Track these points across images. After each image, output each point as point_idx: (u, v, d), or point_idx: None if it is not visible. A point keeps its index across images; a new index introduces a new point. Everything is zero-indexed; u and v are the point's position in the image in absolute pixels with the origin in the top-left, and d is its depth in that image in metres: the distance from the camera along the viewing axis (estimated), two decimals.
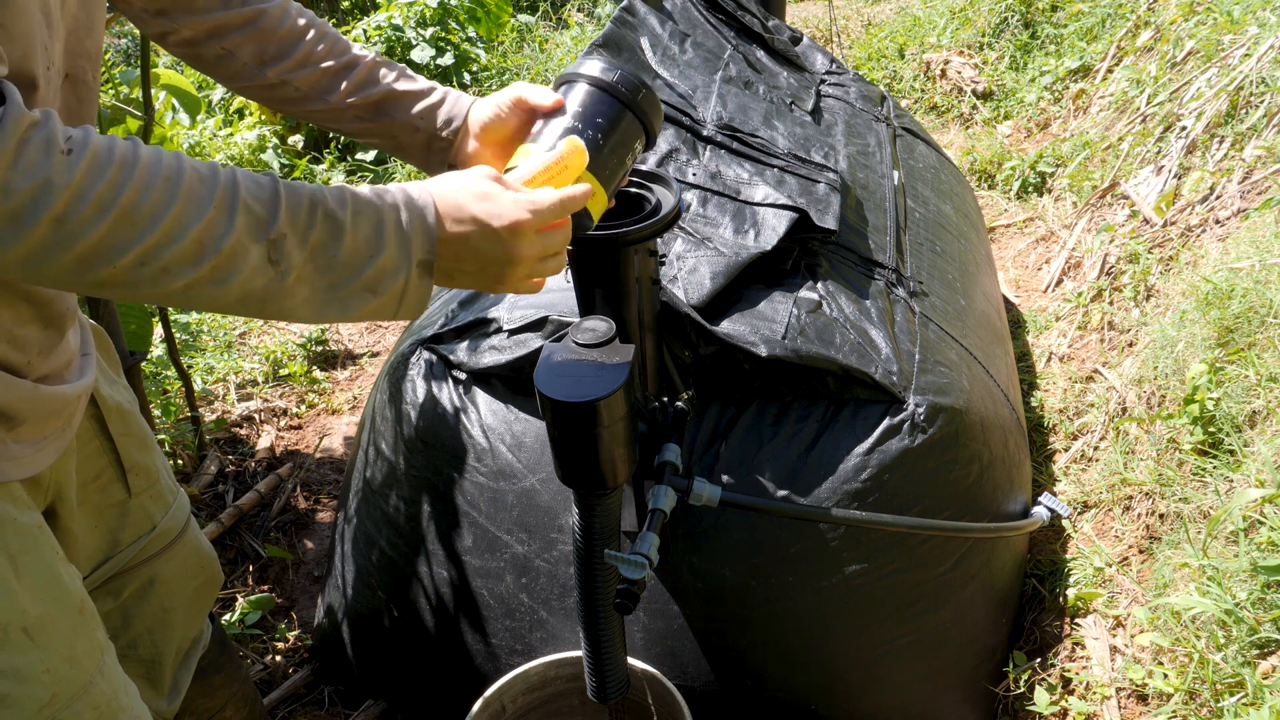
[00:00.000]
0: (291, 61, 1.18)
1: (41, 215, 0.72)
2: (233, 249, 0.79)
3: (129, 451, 1.21)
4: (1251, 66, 2.88)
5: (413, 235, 0.88)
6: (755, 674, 1.59)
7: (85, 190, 0.73)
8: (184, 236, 0.77)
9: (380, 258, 0.86)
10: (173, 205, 0.76)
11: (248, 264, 0.80)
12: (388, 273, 0.87)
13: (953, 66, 4.88)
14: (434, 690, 1.79)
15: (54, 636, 0.95)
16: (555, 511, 1.63)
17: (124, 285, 0.77)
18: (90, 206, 0.73)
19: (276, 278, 0.82)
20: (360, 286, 0.86)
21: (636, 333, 1.37)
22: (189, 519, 1.35)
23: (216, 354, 3.28)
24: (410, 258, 0.88)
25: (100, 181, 0.74)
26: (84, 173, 0.73)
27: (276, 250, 0.81)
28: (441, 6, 5.07)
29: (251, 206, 0.81)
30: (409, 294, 0.89)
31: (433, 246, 0.89)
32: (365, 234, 0.86)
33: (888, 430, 1.58)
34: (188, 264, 0.78)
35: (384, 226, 0.87)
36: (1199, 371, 1.96)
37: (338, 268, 0.85)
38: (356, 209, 0.85)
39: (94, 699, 0.99)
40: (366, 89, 1.20)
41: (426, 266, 0.90)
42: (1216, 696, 1.52)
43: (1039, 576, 2.04)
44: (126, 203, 0.74)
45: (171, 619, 1.33)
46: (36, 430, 0.98)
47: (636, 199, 1.35)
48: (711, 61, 2.26)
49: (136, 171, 0.76)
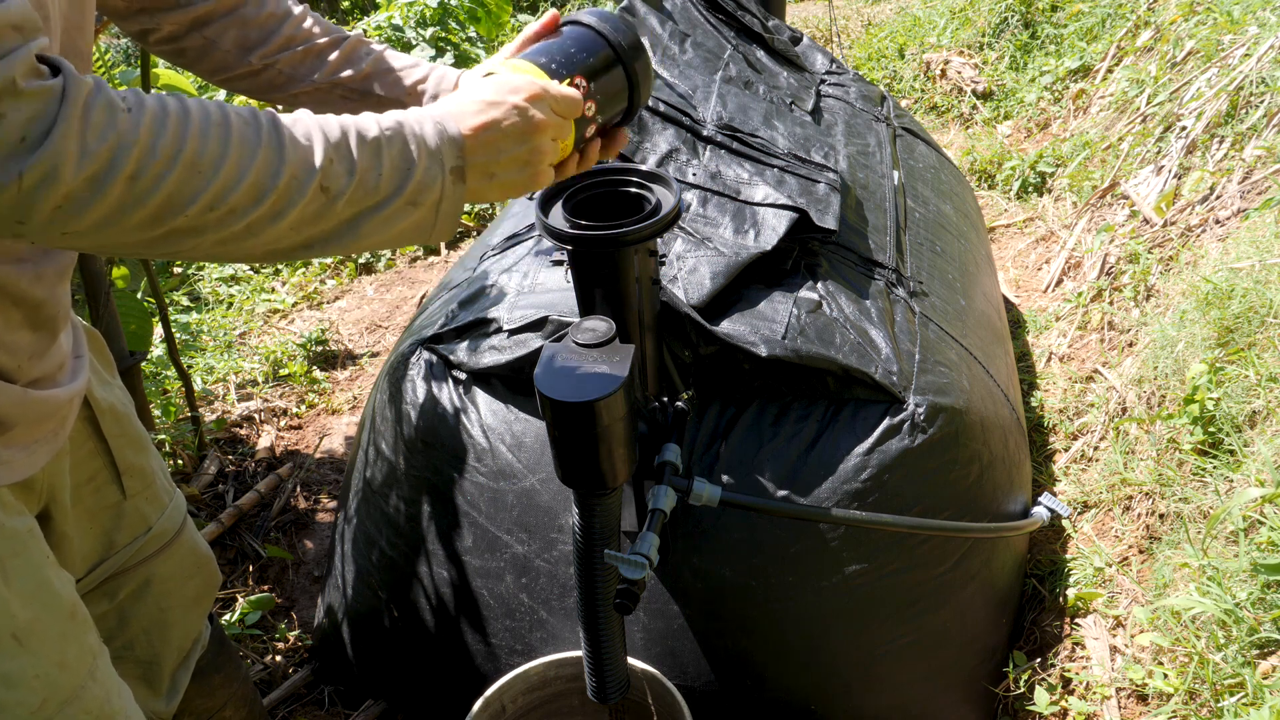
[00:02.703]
0: (274, 45, 1.18)
1: (118, 174, 0.73)
2: (288, 182, 0.82)
3: (123, 453, 1.21)
4: (1251, 66, 2.88)
5: (441, 145, 0.90)
6: (755, 674, 1.59)
7: (153, 145, 0.75)
8: (245, 176, 0.80)
9: (417, 170, 0.89)
10: (229, 148, 0.79)
11: (302, 195, 0.83)
12: (425, 186, 0.89)
13: (953, 66, 4.88)
14: (434, 690, 1.79)
15: (44, 642, 0.95)
16: (555, 511, 1.63)
17: (192, 233, 0.79)
18: (160, 161, 0.75)
19: (328, 203, 0.85)
20: (403, 201, 0.89)
21: (636, 333, 1.37)
22: (185, 520, 1.35)
23: (216, 354, 3.28)
24: (443, 166, 0.90)
25: (164, 135, 0.76)
26: (148, 129, 0.75)
27: (326, 176, 0.84)
28: (441, 6, 5.07)
29: (297, 139, 0.83)
30: (444, 203, 0.91)
31: (460, 151, 0.92)
32: (399, 149, 0.88)
33: (888, 430, 1.58)
34: (251, 202, 0.80)
35: (413, 140, 0.89)
36: (1199, 371, 1.96)
37: (383, 186, 0.87)
38: (384, 129, 0.88)
39: (86, 703, 0.99)
40: (351, 66, 1.20)
41: (459, 173, 0.92)
42: (1216, 696, 1.52)
43: (1039, 576, 2.04)
44: (190, 152, 0.77)
45: (169, 619, 1.33)
46: (28, 434, 0.98)
47: (636, 199, 1.35)
48: (711, 61, 2.26)
49: (191, 121, 0.78)
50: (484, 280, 1.90)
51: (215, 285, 3.86)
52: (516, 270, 1.87)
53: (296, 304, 3.77)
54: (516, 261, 1.92)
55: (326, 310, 3.73)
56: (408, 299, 3.74)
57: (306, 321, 3.61)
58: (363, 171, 0.86)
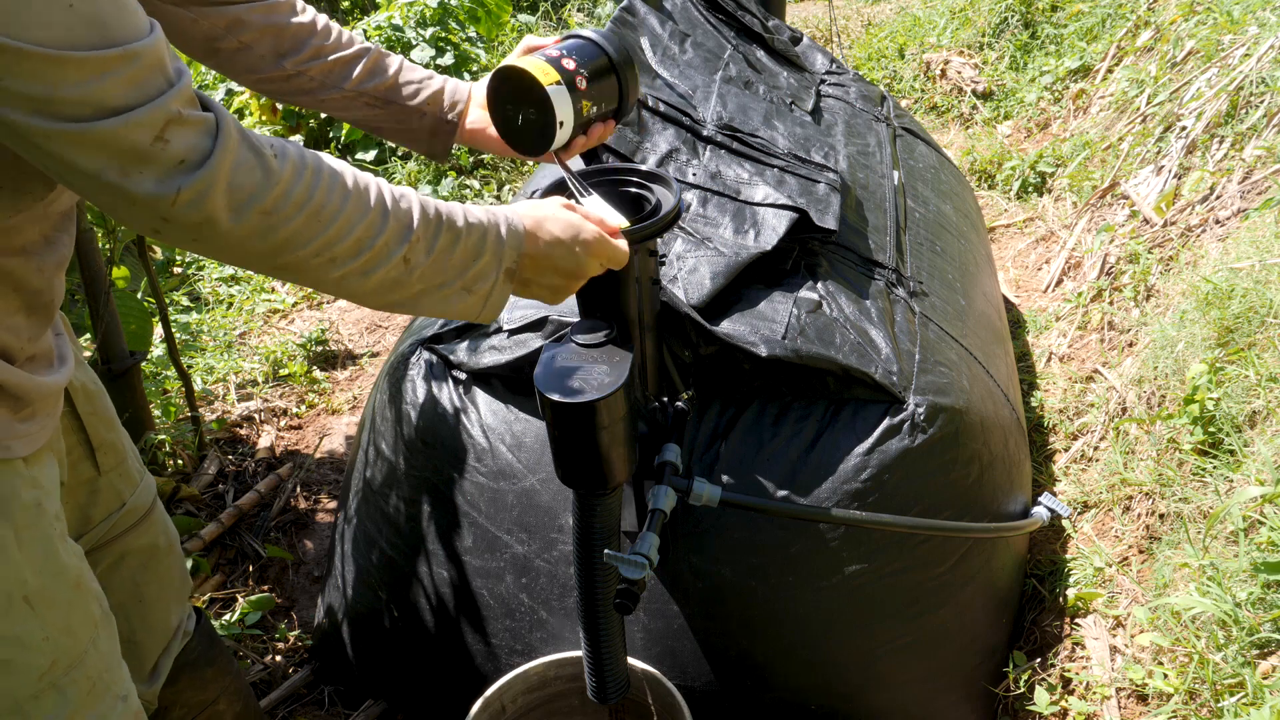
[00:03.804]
0: (306, 54, 1.27)
1: (255, 208, 0.85)
2: (382, 247, 0.94)
3: (96, 429, 1.25)
4: (1251, 66, 2.88)
5: (506, 248, 1.05)
6: (755, 674, 1.59)
7: (290, 189, 0.87)
8: (351, 233, 0.92)
9: (479, 263, 1.03)
10: (346, 205, 0.91)
11: (390, 261, 0.95)
12: (482, 276, 1.04)
13: (953, 66, 4.88)
14: (434, 690, 1.79)
15: (53, 607, 1.00)
16: (555, 511, 1.63)
17: (295, 269, 0.91)
18: (292, 204, 0.87)
19: (406, 273, 0.97)
20: (460, 286, 1.03)
21: (636, 333, 1.37)
22: (155, 499, 1.39)
23: (216, 354, 3.28)
24: (501, 265, 1.05)
25: (299, 183, 0.88)
26: (289, 175, 0.87)
27: (413, 250, 0.96)
28: (441, 6, 5.07)
29: (399, 212, 0.96)
30: (494, 295, 1.06)
31: (519, 258, 1.07)
32: (474, 242, 1.02)
33: (888, 430, 1.58)
34: (349, 256, 0.93)
35: (487, 238, 1.03)
36: (1199, 371, 1.96)
37: (449, 270, 1.01)
38: (469, 222, 1.02)
39: (88, 669, 1.04)
40: (374, 78, 1.32)
41: (511, 274, 1.07)
42: (1216, 696, 1.52)
43: (1039, 576, 2.04)
44: (317, 202, 0.89)
45: (145, 595, 1.37)
46: (38, 410, 1.03)
47: (636, 199, 1.35)
48: (711, 61, 2.26)
49: (322, 175, 0.90)
50: None
51: (215, 285, 3.86)
52: None
53: (296, 304, 3.77)
54: None
55: (326, 310, 3.73)
56: None
57: (306, 321, 3.61)
58: (439, 253, 0.99)
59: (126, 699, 1.11)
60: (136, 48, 0.78)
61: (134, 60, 0.78)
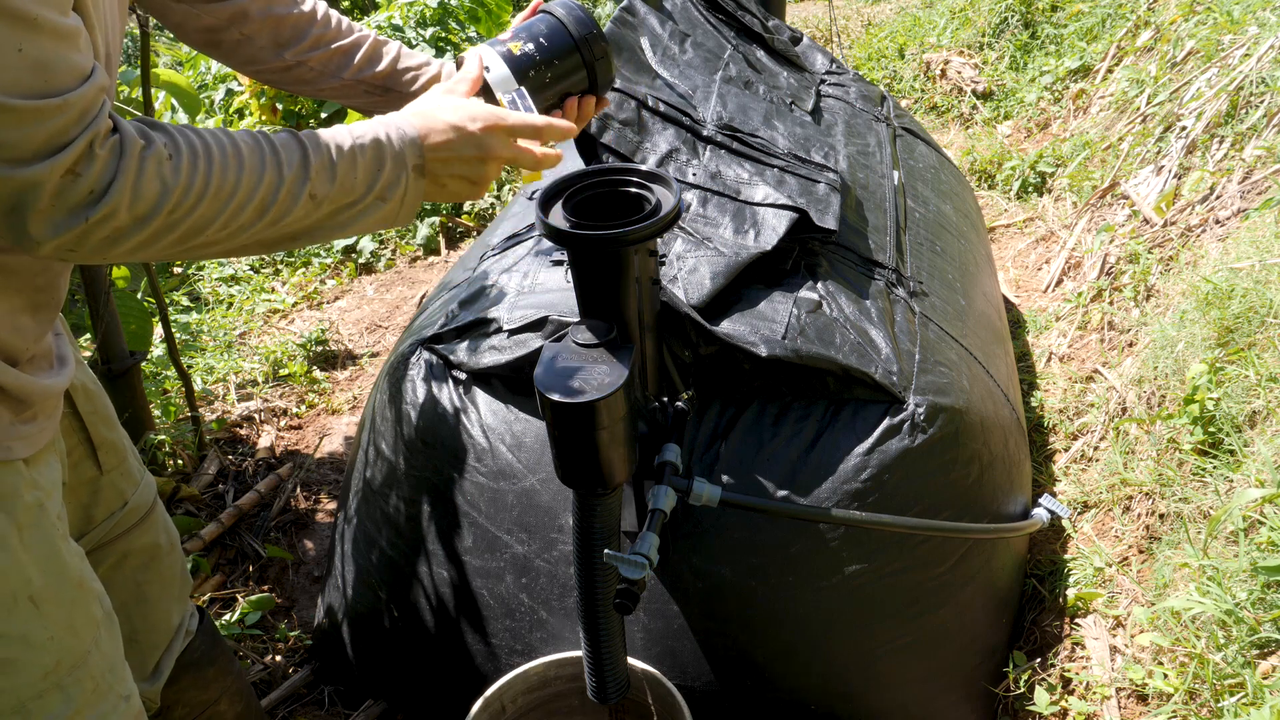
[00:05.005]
0: (305, 44, 1.28)
1: (160, 211, 0.88)
2: (285, 197, 0.96)
3: (97, 429, 1.25)
4: (1251, 66, 2.88)
5: (405, 148, 1.05)
6: (755, 674, 1.59)
7: (189, 185, 0.89)
8: (252, 199, 0.94)
9: (384, 172, 1.04)
10: (241, 176, 0.93)
11: (296, 206, 0.97)
12: (392, 183, 1.05)
13: (953, 66, 4.88)
14: (434, 690, 1.79)
15: (57, 607, 1.01)
16: (555, 511, 1.63)
17: (206, 245, 0.94)
18: (192, 196, 0.90)
19: (314, 208, 0.99)
20: (374, 197, 1.04)
21: (636, 333, 1.37)
22: (156, 498, 1.40)
23: (216, 354, 3.28)
24: (406, 165, 1.05)
25: (196, 175, 0.90)
26: (186, 172, 0.89)
27: (316, 185, 0.98)
28: (441, 6, 5.07)
29: (292, 159, 0.97)
30: (408, 194, 1.07)
31: (421, 153, 1.07)
32: (370, 156, 1.03)
33: (888, 430, 1.58)
34: (255, 218, 0.95)
35: (382, 147, 1.03)
36: (1199, 371, 1.95)
37: (357, 188, 1.02)
38: (357, 138, 1.03)
39: (91, 669, 1.05)
40: (373, 65, 1.34)
41: (419, 170, 1.07)
42: (1216, 696, 1.52)
43: (1039, 576, 2.04)
44: (214, 185, 0.91)
45: (147, 595, 1.37)
46: (40, 412, 1.04)
47: (636, 199, 1.35)
48: (711, 61, 2.26)
49: (214, 157, 0.91)
50: (484, 280, 1.90)
51: (215, 285, 3.86)
52: (516, 270, 1.87)
53: (296, 304, 3.77)
54: (516, 261, 1.92)
55: (326, 310, 3.73)
56: (408, 299, 3.74)
57: (306, 321, 3.61)
58: (342, 177, 1.00)
59: (129, 699, 1.12)
60: (71, 97, 0.81)
61: (65, 110, 0.81)
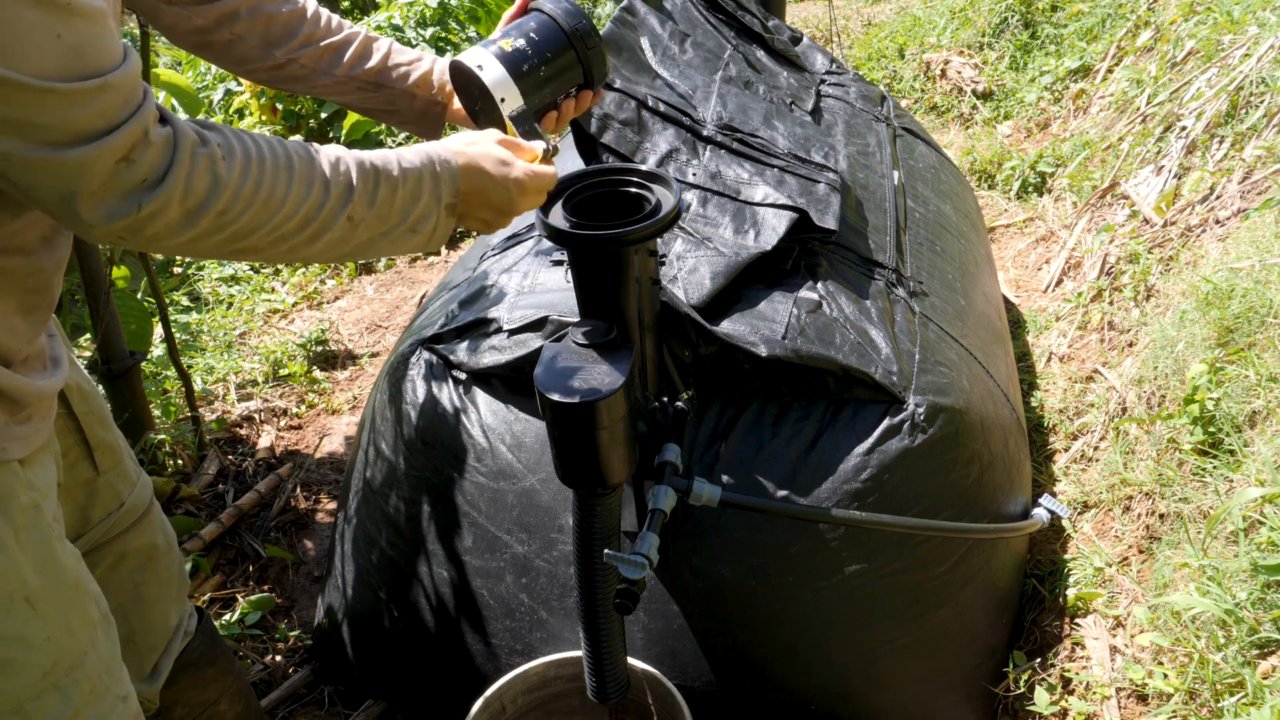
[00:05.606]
0: (296, 42, 1.29)
1: (210, 210, 0.91)
2: (327, 215, 1.00)
3: (93, 430, 1.26)
4: (1251, 66, 2.88)
5: (443, 186, 1.10)
6: (755, 674, 1.59)
7: (240, 187, 0.92)
8: (298, 212, 0.97)
9: (420, 205, 1.08)
10: (291, 188, 0.96)
11: (336, 224, 1.01)
12: (424, 216, 1.09)
13: (953, 66, 4.88)
14: (434, 690, 1.79)
15: (53, 608, 1.02)
16: (555, 511, 1.63)
17: (248, 250, 0.97)
18: (242, 200, 0.92)
19: (351, 230, 1.03)
20: (405, 229, 1.08)
21: (636, 333, 1.37)
22: (153, 498, 1.40)
23: (216, 354, 3.28)
24: (441, 202, 1.10)
25: (248, 179, 0.93)
26: (238, 173, 0.92)
27: (355, 209, 1.02)
28: (441, 6, 5.07)
29: (339, 179, 1.00)
30: (438, 230, 1.12)
31: (455, 194, 1.12)
32: (411, 187, 1.07)
33: (888, 430, 1.58)
34: (297, 230, 0.98)
35: (423, 181, 1.08)
36: (1199, 371, 1.95)
37: (392, 217, 1.06)
38: (404, 169, 1.07)
39: (89, 670, 1.05)
40: (365, 61, 1.34)
41: (451, 209, 1.12)
42: (1216, 696, 1.52)
43: (1039, 576, 2.04)
44: (265, 193, 0.94)
45: (145, 595, 1.37)
46: (34, 413, 1.04)
47: (636, 199, 1.35)
48: (711, 61, 2.26)
49: (266, 165, 0.95)
50: (484, 280, 1.90)
51: (215, 285, 3.86)
52: (516, 270, 1.87)
53: (296, 304, 3.77)
54: (516, 261, 1.92)
55: (326, 310, 3.73)
56: (408, 299, 3.74)
57: (306, 321, 3.61)
58: (380, 205, 1.04)
59: (126, 699, 1.12)
60: (111, 79, 0.83)
61: (106, 91, 0.83)
